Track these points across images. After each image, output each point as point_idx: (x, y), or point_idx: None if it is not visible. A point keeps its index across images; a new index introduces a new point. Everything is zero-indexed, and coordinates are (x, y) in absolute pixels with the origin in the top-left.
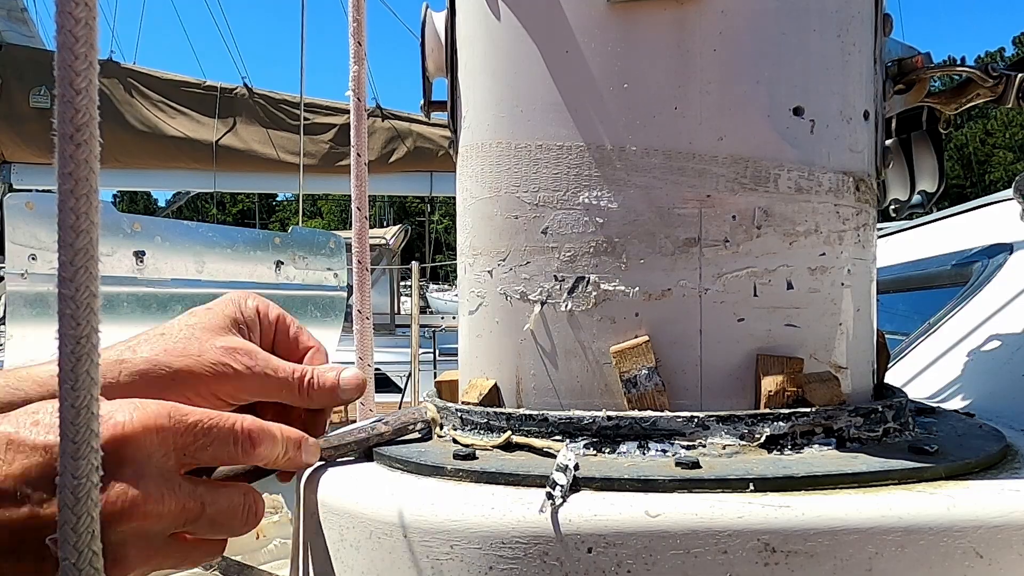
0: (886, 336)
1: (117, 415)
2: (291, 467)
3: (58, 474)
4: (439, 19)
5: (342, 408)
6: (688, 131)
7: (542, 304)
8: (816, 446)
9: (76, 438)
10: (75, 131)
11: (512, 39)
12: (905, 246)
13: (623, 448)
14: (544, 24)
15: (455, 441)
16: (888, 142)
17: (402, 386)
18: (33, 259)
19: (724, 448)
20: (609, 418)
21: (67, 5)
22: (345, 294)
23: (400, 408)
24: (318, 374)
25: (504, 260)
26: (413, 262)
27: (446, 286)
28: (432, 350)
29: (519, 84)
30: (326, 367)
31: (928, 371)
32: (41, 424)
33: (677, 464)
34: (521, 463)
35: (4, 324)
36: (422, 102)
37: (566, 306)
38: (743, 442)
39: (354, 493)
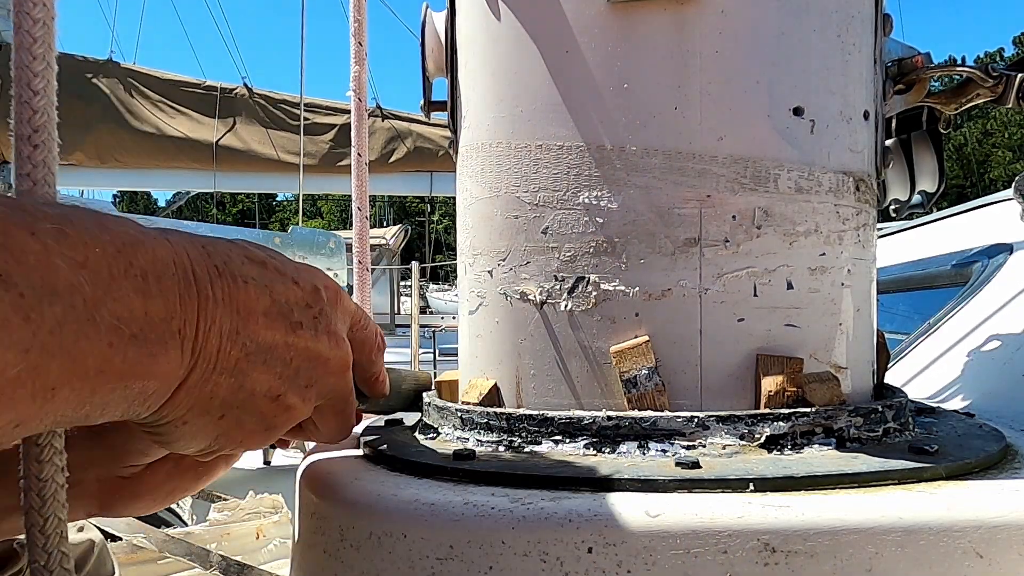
0: (886, 336)
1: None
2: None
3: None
4: (439, 19)
5: None
6: (688, 131)
7: (542, 304)
8: (816, 446)
9: (39, 440)
10: (32, 132)
11: (512, 39)
12: (905, 246)
13: (623, 448)
14: (544, 24)
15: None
16: (888, 142)
17: None
18: None
19: (724, 448)
20: (609, 418)
21: (24, 5)
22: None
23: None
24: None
25: (504, 260)
26: (413, 262)
27: (446, 286)
28: (432, 350)
29: (519, 84)
30: None
31: (928, 371)
32: None
33: (677, 464)
34: (521, 463)
35: None
36: (422, 102)
37: (566, 306)
38: (743, 442)
39: (354, 493)
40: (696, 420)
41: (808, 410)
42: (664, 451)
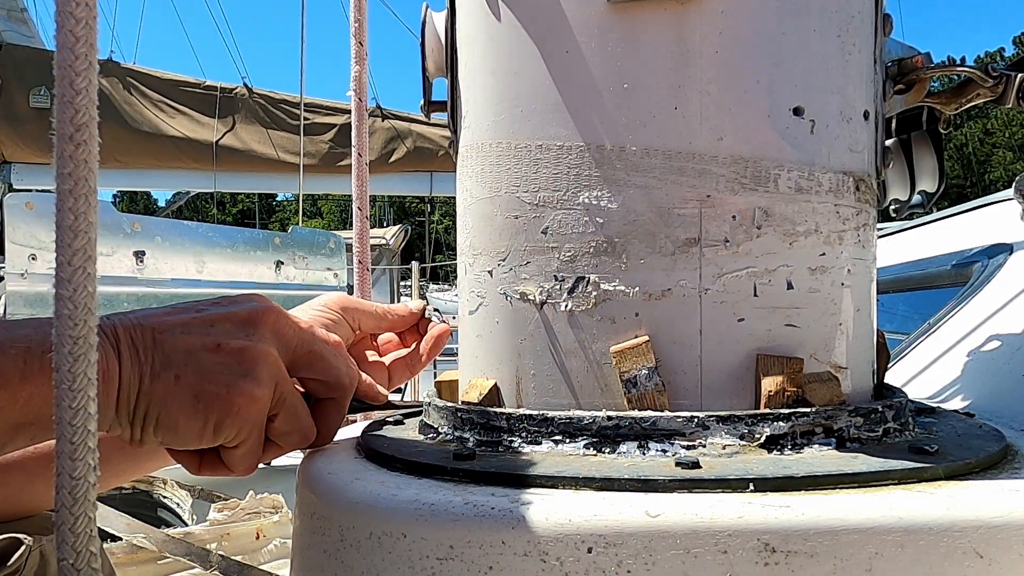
0: (886, 336)
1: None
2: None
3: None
4: (439, 19)
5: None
6: (688, 131)
7: (542, 304)
8: (816, 446)
9: (74, 439)
10: (75, 131)
11: (512, 39)
12: (905, 246)
13: (623, 448)
14: (544, 24)
15: (458, 441)
16: (888, 142)
17: (402, 386)
18: (33, 259)
19: (724, 448)
20: (609, 418)
21: (67, 5)
22: (344, 294)
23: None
24: (390, 306)
25: (504, 260)
26: (413, 262)
27: (446, 286)
28: None
29: (519, 84)
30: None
31: (928, 371)
32: None
33: (677, 464)
34: (521, 463)
35: None
36: (422, 102)
37: (566, 306)
38: (743, 442)
39: (354, 493)
40: (696, 420)
41: (808, 410)
42: (664, 451)
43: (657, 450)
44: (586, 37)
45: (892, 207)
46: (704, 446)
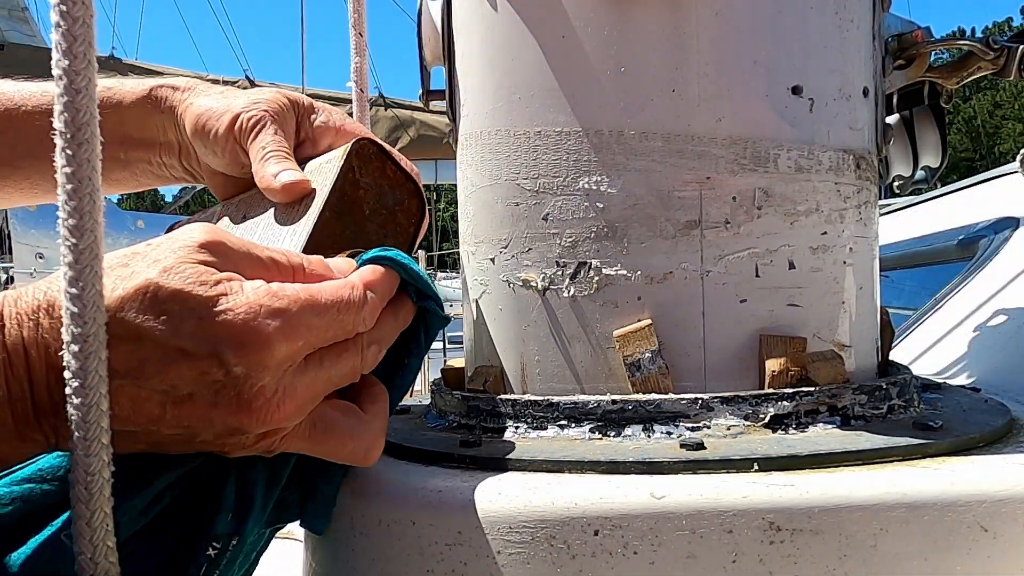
0: (893, 312)
1: None
2: None
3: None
4: (435, 8)
5: None
6: (686, 113)
7: (545, 290)
8: (820, 425)
9: (87, 435)
10: (76, 130)
11: (508, 25)
12: (912, 222)
13: (628, 431)
14: (540, 9)
15: (463, 427)
16: (890, 119)
17: None
18: (40, 258)
19: (729, 429)
20: (614, 402)
21: (65, 3)
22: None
23: (410, 394)
24: (261, 168)
25: (506, 247)
26: (419, 251)
27: (454, 274)
28: (441, 338)
29: (516, 71)
30: (279, 168)
31: (935, 347)
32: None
33: (682, 446)
34: (527, 448)
35: None
36: (421, 91)
37: (569, 292)
38: (747, 422)
39: (363, 481)
40: (700, 402)
41: (812, 389)
42: (669, 433)
43: (662, 432)
44: (581, 21)
45: (896, 183)
46: (709, 427)
